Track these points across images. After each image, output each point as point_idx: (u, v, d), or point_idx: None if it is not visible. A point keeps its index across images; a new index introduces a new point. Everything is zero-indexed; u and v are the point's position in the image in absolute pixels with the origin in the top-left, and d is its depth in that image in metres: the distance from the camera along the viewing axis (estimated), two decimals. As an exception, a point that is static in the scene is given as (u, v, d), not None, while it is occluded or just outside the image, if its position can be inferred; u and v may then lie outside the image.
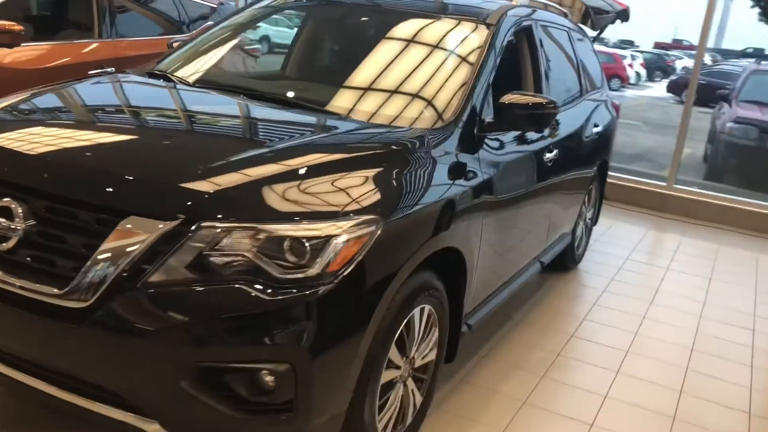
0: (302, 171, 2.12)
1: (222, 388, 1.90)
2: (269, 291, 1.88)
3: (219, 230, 1.89)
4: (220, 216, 1.91)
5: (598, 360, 3.56)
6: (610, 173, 6.94)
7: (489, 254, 2.95)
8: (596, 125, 4.45)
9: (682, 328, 4.11)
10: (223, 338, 1.87)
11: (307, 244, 1.93)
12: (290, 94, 2.90)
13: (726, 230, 6.51)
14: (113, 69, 3.82)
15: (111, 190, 1.96)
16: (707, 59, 23.93)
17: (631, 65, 25.21)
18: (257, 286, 1.88)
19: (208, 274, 1.88)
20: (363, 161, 2.30)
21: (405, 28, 3.25)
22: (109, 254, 1.87)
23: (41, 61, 4.17)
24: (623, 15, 5.55)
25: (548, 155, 3.51)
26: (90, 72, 3.76)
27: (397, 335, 2.30)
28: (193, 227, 1.88)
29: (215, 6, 5.98)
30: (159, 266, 1.86)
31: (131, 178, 1.98)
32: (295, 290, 1.90)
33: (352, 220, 2.02)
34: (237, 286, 1.87)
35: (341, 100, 2.83)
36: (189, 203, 1.92)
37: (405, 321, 2.33)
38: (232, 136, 2.36)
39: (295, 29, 3.94)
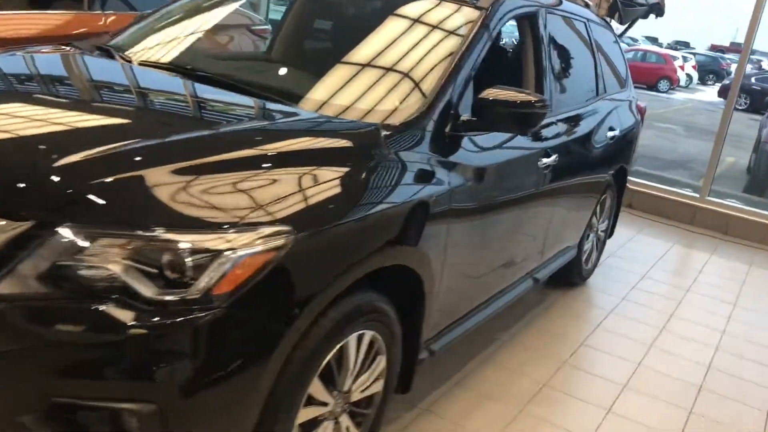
0: (200, 168, 1.76)
1: (74, 427, 1.56)
2: (136, 314, 1.53)
3: (80, 236, 1.55)
4: (82, 218, 1.57)
5: (589, 394, 3.14)
6: (637, 180, 6.51)
7: (458, 272, 2.56)
8: (612, 128, 4.00)
9: (693, 362, 3.65)
10: (75, 368, 1.53)
11: (188, 260, 1.58)
12: (240, 76, 2.53)
13: (761, 249, 5.97)
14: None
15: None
16: (765, 64, 22.88)
17: (682, 67, 24.32)
18: (122, 308, 1.53)
19: (63, 289, 1.54)
20: (284, 159, 1.92)
21: (383, 10, 2.87)
22: None
23: (10, 31, 3.90)
24: (657, 9, 5.03)
25: (545, 160, 3.09)
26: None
27: (322, 366, 1.95)
28: (49, 231, 1.54)
29: None
30: (4, 276, 1.53)
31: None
32: (168, 315, 1.55)
33: (254, 231, 1.66)
34: (97, 305, 1.53)
35: (290, 85, 2.47)
36: (44, 201, 1.59)
37: (335, 350, 1.98)
38: (128, 122, 2.00)
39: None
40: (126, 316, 1.53)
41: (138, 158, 1.74)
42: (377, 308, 2.12)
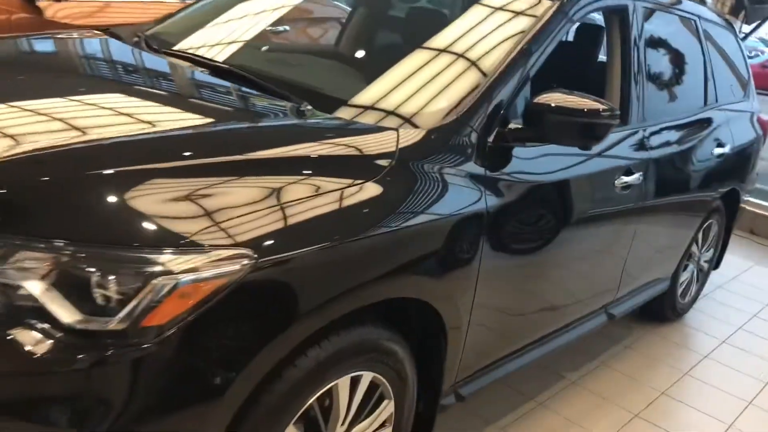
0: (154, 173, 1.49)
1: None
2: (49, 344, 1.30)
3: None
4: (3, 227, 1.35)
5: (661, 458, 2.67)
6: (761, 203, 5.75)
7: (496, 309, 2.18)
8: (720, 144, 3.43)
9: (801, 429, 3.06)
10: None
11: (112, 284, 1.33)
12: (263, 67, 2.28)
13: None
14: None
15: None
16: None
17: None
18: (36, 335, 1.31)
19: (-25, 309, 1.33)
20: (264, 167, 1.63)
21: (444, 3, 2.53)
22: None
23: (82, 17, 3.88)
24: (795, 7, 4.34)
25: (624, 179, 2.63)
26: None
27: (300, 412, 1.66)
28: (-37, 239, 1.34)
29: None
30: None
31: None
32: (87, 348, 1.31)
33: (204, 253, 1.38)
34: (8, 331, 1.31)
35: (319, 82, 2.18)
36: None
37: (318, 393, 1.68)
38: (87, 117, 1.72)
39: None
40: (37, 345, 1.29)
41: (78, 159, 1.50)
42: (379, 347, 1.80)
